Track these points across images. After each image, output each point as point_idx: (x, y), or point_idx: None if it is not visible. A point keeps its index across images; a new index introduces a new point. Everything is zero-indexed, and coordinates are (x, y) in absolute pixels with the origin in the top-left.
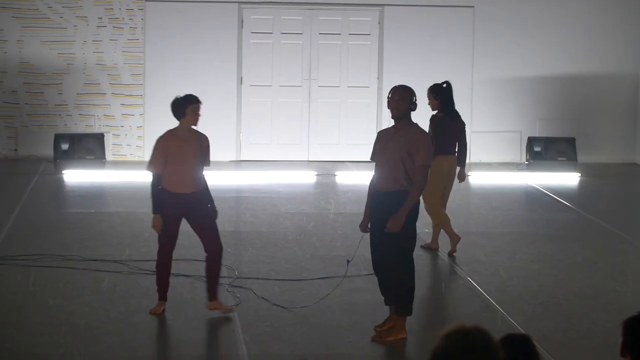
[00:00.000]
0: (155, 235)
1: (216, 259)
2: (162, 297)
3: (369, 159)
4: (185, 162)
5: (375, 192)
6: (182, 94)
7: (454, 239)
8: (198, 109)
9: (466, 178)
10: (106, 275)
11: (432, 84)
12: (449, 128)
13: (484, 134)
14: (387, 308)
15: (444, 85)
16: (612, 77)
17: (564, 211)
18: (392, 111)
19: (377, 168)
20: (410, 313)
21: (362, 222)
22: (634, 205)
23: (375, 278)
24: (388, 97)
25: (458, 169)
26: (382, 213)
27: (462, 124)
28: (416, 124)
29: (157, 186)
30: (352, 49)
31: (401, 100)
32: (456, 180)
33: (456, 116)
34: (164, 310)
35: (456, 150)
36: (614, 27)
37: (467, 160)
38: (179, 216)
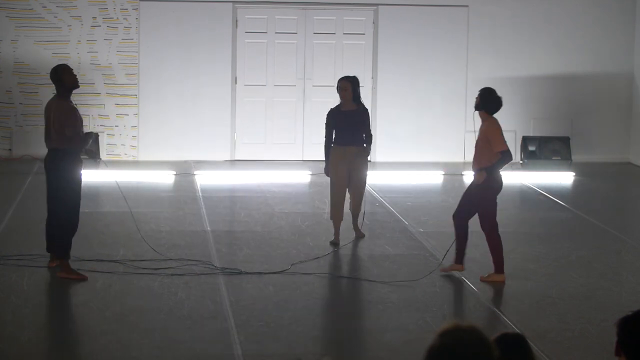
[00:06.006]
0: (153, 234)
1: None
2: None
3: None
4: None
5: None
6: None
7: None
8: None
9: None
10: (101, 275)
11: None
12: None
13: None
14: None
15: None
16: (606, 77)
17: (558, 210)
18: None
19: None
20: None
21: None
22: (628, 204)
23: (371, 279)
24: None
25: None
26: None
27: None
28: None
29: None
30: (347, 48)
31: None
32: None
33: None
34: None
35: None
36: (608, 27)
37: (462, 160)
38: None
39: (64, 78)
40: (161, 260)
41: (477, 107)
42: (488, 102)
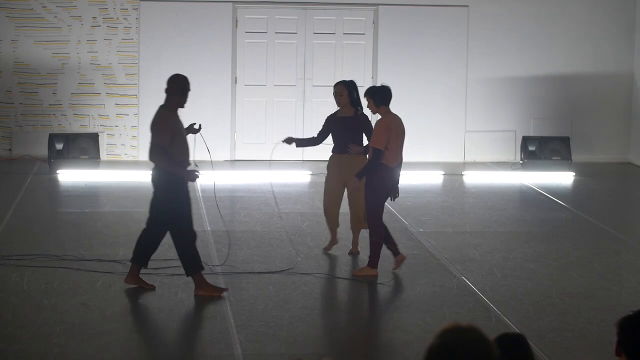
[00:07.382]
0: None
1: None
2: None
3: None
4: None
5: None
6: None
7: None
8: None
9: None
10: (101, 275)
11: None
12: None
13: (479, 133)
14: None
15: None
16: (606, 77)
17: (558, 210)
18: None
19: None
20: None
21: None
22: (628, 204)
23: (371, 279)
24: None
25: None
26: None
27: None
28: None
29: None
30: (347, 48)
31: None
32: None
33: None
34: None
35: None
36: (608, 27)
37: (462, 160)
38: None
39: (186, 91)
40: (161, 260)
41: (376, 108)
42: (381, 97)
